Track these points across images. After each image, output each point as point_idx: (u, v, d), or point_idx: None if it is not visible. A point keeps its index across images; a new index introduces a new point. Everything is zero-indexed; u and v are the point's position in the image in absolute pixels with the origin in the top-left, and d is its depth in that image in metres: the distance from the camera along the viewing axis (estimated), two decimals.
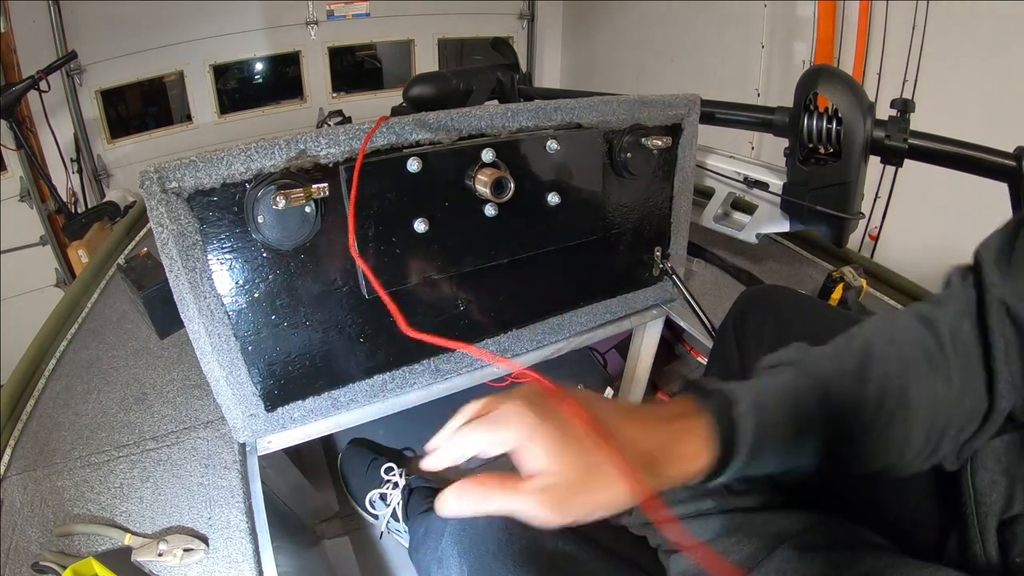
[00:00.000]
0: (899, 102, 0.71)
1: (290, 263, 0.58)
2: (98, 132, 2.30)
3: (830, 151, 0.77)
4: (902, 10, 1.51)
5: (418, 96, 1.37)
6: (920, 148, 0.70)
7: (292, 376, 0.64)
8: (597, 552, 0.51)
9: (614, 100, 0.71)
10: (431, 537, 0.67)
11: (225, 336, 0.58)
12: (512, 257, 0.71)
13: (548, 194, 0.69)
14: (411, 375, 0.72)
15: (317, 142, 0.55)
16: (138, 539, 0.55)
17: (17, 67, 2.01)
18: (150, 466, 0.64)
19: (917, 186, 1.51)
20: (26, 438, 0.68)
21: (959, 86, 1.44)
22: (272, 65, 2.62)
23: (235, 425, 0.63)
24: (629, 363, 1.09)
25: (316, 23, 2.50)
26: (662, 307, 0.93)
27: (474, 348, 0.45)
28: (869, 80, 1.64)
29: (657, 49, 2.42)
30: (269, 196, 0.52)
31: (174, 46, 2.29)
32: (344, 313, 0.64)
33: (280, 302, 0.59)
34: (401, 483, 0.86)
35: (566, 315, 0.82)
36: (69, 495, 0.60)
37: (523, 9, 2.94)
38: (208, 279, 0.55)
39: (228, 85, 2.58)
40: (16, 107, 1.82)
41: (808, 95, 0.76)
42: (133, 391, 0.75)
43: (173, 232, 0.51)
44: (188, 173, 0.50)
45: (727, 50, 2.09)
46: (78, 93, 2.18)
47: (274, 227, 0.54)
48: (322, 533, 0.91)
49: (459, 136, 0.62)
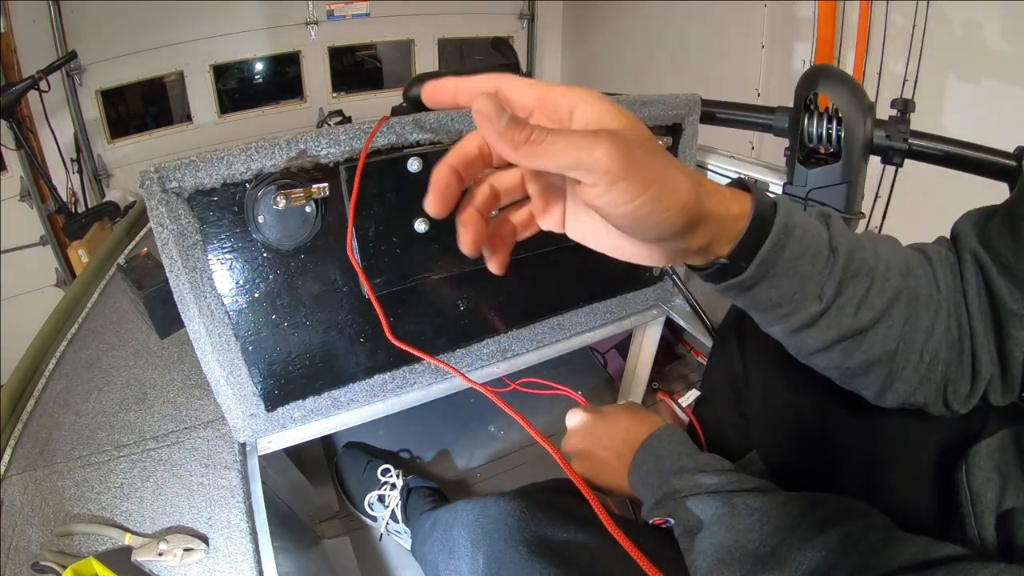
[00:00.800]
0: (899, 102, 0.71)
1: (290, 263, 0.58)
2: (98, 132, 2.29)
3: (830, 151, 0.77)
4: (902, 10, 1.51)
5: (418, 96, 1.37)
6: (920, 148, 0.71)
7: (292, 376, 0.64)
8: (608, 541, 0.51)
9: (614, 100, 0.71)
10: (439, 529, 0.67)
11: (225, 336, 0.58)
12: (512, 257, 0.70)
13: None
14: (411, 375, 0.72)
15: (317, 142, 0.55)
16: (138, 539, 0.55)
17: (17, 67, 2.01)
18: (150, 466, 0.64)
19: (917, 186, 1.51)
20: (26, 438, 0.68)
21: (959, 86, 1.44)
22: (272, 65, 2.62)
23: (235, 425, 0.63)
24: (629, 363, 1.09)
25: (316, 23, 2.50)
26: (662, 307, 0.93)
27: (444, 363, 0.46)
28: (869, 80, 1.64)
29: (657, 49, 2.42)
30: (269, 196, 0.52)
31: (174, 46, 2.29)
32: (344, 313, 0.64)
33: (280, 302, 0.59)
34: (399, 484, 0.86)
35: (566, 315, 0.82)
36: (69, 495, 0.60)
37: (523, 9, 2.93)
38: (208, 279, 0.55)
39: (228, 85, 2.58)
40: (16, 107, 1.82)
41: (808, 95, 0.76)
42: (133, 391, 0.75)
43: (173, 232, 0.51)
44: (188, 173, 0.50)
45: (727, 50, 2.09)
46: (78, 93, 2.18)
47: (274, 227, 0.54)
48: (322, 533, 0.91)
49: (459, 136, 0.62)
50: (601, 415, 0.63)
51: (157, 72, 2.33)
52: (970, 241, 0.38)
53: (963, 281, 0.37)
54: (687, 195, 0.28)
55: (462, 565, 0.57)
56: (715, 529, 0.43)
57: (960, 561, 0.33)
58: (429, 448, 1.07)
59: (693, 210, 0.28)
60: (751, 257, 0.32)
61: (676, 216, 0.28)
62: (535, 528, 0.52)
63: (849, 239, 0.35)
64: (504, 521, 0.54)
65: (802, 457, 0.54)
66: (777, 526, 0.40)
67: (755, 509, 0.42)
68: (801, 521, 0.40)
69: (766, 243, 0.32)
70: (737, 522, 0.42)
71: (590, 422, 0.62)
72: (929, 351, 0.37)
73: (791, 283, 0.33)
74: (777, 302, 0.34)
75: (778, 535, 0.40)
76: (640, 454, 0.55)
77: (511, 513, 0.54)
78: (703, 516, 0.45)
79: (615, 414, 0.62)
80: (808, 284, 0.34)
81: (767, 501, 0.43)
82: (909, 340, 0.37)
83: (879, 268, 0.35)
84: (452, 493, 0.95)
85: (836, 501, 0.42)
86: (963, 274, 0.37)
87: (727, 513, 0.43)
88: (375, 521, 0.87)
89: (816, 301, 0.34)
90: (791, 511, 0.41)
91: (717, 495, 0.45)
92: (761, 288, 0.34)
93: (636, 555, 0.33)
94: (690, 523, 0.45)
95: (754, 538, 0.40)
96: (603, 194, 0.26)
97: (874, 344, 0.36)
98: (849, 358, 0.37)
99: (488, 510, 0.57)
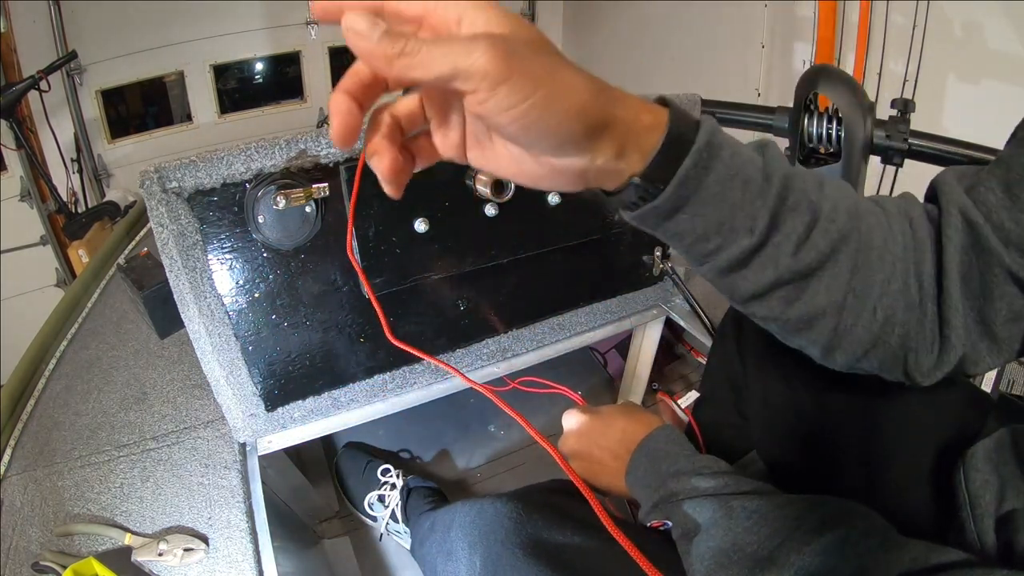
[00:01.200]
0: (899, 102, 0.71)
1: (290, 263, 0.58)
2: (98, 132, 2.30)
3: (830, 151, 0.77)
4: (902, 10, 1.51)
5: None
6: (920, 148, 0.70)
7: (292, 376, 0.64)
8: (606, 543, 0.51)
9: None
10: (438, 531, 0.67)
11: (225, 336, 0.58)
12: (512, 257, 0.71)
13: (548, 194, 0.69)
14: (411, 375, 0.72)
15: (317, 142, 0.55)
16: (138, 539, 0.55)
17: (17, 67, 2.01)
18: (150, 466, 0.64)
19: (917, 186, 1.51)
20: (26, 438, 0.68)
21: (959, 86, 1.44)
22: (272, 65, 2.62)
23: (235, 425, 0.63)
24: (629, 363, 1.09)
25: (316, 23, 2.50)
26: (662, 307, 0.93)
27: (444, 363, 0.46)
28: (869, 80, 1.64)
29: (657, 49, 2.42)
30: (269, 196, 0.52)
31: (174, 46, 2.30)
32: (344, 313, 0.64)
33: (280, 302, 0.59)
34: (399, 484, 0.86)
35: (566, 315, 0.82)
36: (69, 495, 0.60)
37: (523, 9, 2.93)
38: (208, 279, 0.55)
39: (228, 85, 2.58)
40: (16, 107, 1.82)
41: (808, 95, 0.76)
42: (133, 391, 0.75)
43: (173, 232, 0.51)
44: (188, 173, 0.50)
45: (727, 50, 2.09)
46: (78, 93, 2.18)
47: (274, 227, 0.55)
48: (322, 533, 0.91)
49: None
50: (598, 415, 0.63)
51: (157, 72, 2.34)
52: (956, 196, 0.34)
53: (943, 236, 0.34)
54: (584, 96, 0.25)
55: (459, 567, 0.57)
56: (713, 532, 0.43)
57: (961, 567, 0.32)
58: (429, 448, 1.07)
59: (593, 113, 0.26)
60: (669, 178, 0.29)
61: (573, 120, 0.25)
62: (532, 530, 0.52)
63: (787, 168, 0.32)
64: (501, 523, 0.53)
65: (802, 457, 0.54)
66: (775, 528, 0.40)
67: (753, 512, 0.42)
68: (799, 524, 0.40)
69: (686, 160, 0.29)
70: (735, 525, 0.42)
71: (587, 423, 0.62)
72: (883, 308, 0.34)
73: (717, 212, 0.30)
74: (702, 234, 0.31)
75: (776, 537, 0.39)
76: (637, 455, 0.54)
77: (508, 515, 0.54)
78: (700, 519, 0.44)
79: (612, 415, 0.62)
80: (737, 214, 0.30)
81: (765, 503, 0.42)
82: (860, 293, 0.33)
83: (823, 206, 0.32)
84: (452, 493, 0.95)
85: (835, 503, 0.41)
86: (944, 229, 0.34)
87: (724, 516, 0.43)
88: (375, 521, 0.87)
89: (748, 234, 0.31)
90: (789, 513, 0.41)
91: (715, 498, 0.45)
92: (683, 217, 0.30)
93: (636, 556, 0.33)
94: (688, 526, 0.45)
95: (752, 541, 0.40)
96: (485, 100, 0.24)
97: (817, 292, 0.33)
98: (789, 307, 0.34)
99: (485, 512, 0.57)
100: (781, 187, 0.31)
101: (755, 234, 0.31)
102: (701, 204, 0.30)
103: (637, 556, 0.33)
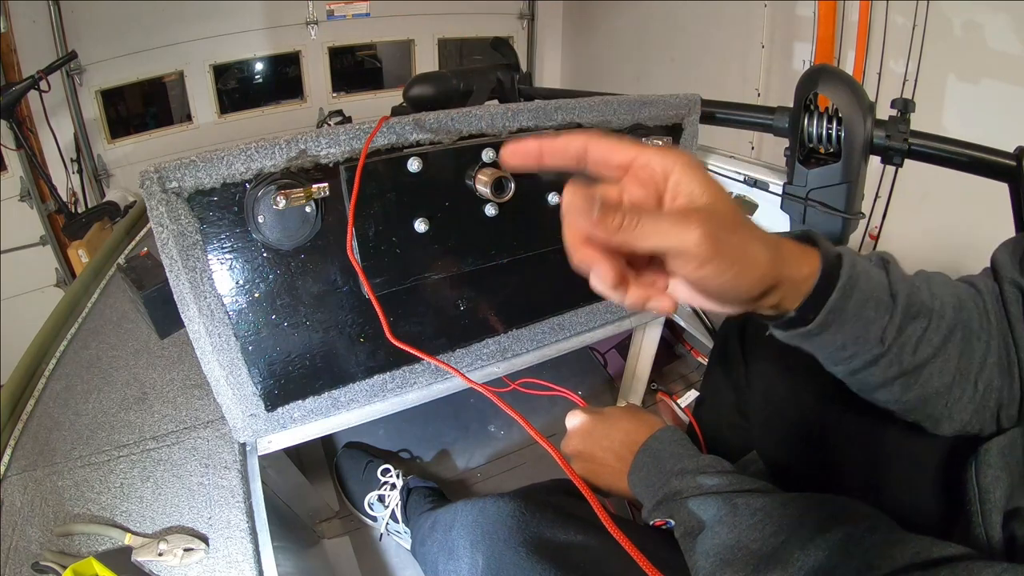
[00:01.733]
0: (899, 102, 0.71)
1: (290, 263, 0.58)
2: (98, 132, 2.30)
3: (830, 151, 0.77)
4: (902, 10, 1.51)
5: (418, 96, 1.37)
6: (920, 148, 0.70)
7: (292, 376, 0.64)
8: (608, 542, 0.51)
9: (614, 100, 0.71)
10: (439, 530, 0.67)
11: (225, 336, 0.58)
12: (512, 257, 0.71)
13: (548, 194, 0.69)
14: (411, 375, 0.72)
15: (317, 142, 0.55)
16: (138, 539, 0.55)
17: (17, 67, 2.01)
18: (150, 466, 0.64)
19: (917, 186, 1.51)
20: (26, 438, 0.68)
21: (959, 86, 1.44)
22: (272, 65, 2.62)
23: (235, 425, 0.63)
24: (629, 363, 1.09)
25: (316, 23, 2.50)
26: None
27: (444, 363, 0.46)
28: (869, 80, 1.64)
29: (657, 49, 2.42)
30: (269, 196, 0.52)
31: (174, 46, 2.29)
32: (344, 313, 0.64)
33: (280, 302, 0.59)
34: (399, 484, 0.86)
35: (566, 315, 0.82)
36: (69, 495, 0.60)
37: (523, 9, 2.94)
38: (208, 279, 0.55)
39: (228, 85, 2.58)
40: (16, 107, 1.82)
41: (808, 95, 0.76)
42: (133, 391, 0.75)
43: (173, 232, 0.51)
44: (188, 173, 0.50)
45: (727, 50, 2.09)
46: (78, 93, 2.18)
47: (274, 227, 0.54)
48: (322, 533, 0.91)
49: (459, 136, 0.62)
50: (601, 416, 0.63)
51: (157, 72, 2.34)
52: (1009, 271, 0.40)
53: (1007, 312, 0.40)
54: (765, 268, 0.31)
55: (461, 566, 0.57)
56: (717, 529, 0.43)
57: (963, 560, 0.33)
58: (429, 448, 1.07)
59: (769, 280, 0.31)
60: (819, 309, 0.34)
61: (754, 287, 0.31)
62: (534, 529, 0.52)
63: (907, 283, 0.38)
64: (503, 522, 0.53)
65: (803, 456, 0.54)
66: (779, 526, 0.40)
67: (757, 509, 0.42)
68: (803, 521, 0.40)
69: (833, 295, 0.34)
70: (739, 522, 0.42)
71: (589, 423, 0.62)
72: (983, 380, 0.39)
73: (854, 329, 0.36)
74: (841, 346, 0.36)
75: (780, 535, 0.40)
76: (640, 456, 0.55)
77: (510, 514, 0.54)
78: (705, 517, 0.44)
79: (615, 415, 0.62)
80: (871, 328, 0.36)
81: (769, 501, 0.43)
82: (964, 372, 0.39)
83: (935, 307, 0.38)
84: (452, 493, 0.95)
85: (838, 502, 0.42)
86: (1006, 305, 0.40)
87: (729, 513, 0.43)
88: (375, 521, 0.87)
89: (878, 344, 0.36)
90: (793, 511, 0.41)
91: (719, 495, 0.45)
92: (826, 335, 0.35)
93: (636, 556, 0.33)
94: (691, 524, 0.45)
95: (756, 538, 0.41)
96: (693, 272, 0.28)
97: (931, 378, 0.38)
98: (908, 392, 0.39)
99: (487, 511, 0.57)
100: (905, 303, 0.37)
101: (884, 343, 0.36)
102: (841, 324, 0.35)
103: (636, 555, 0.33)
